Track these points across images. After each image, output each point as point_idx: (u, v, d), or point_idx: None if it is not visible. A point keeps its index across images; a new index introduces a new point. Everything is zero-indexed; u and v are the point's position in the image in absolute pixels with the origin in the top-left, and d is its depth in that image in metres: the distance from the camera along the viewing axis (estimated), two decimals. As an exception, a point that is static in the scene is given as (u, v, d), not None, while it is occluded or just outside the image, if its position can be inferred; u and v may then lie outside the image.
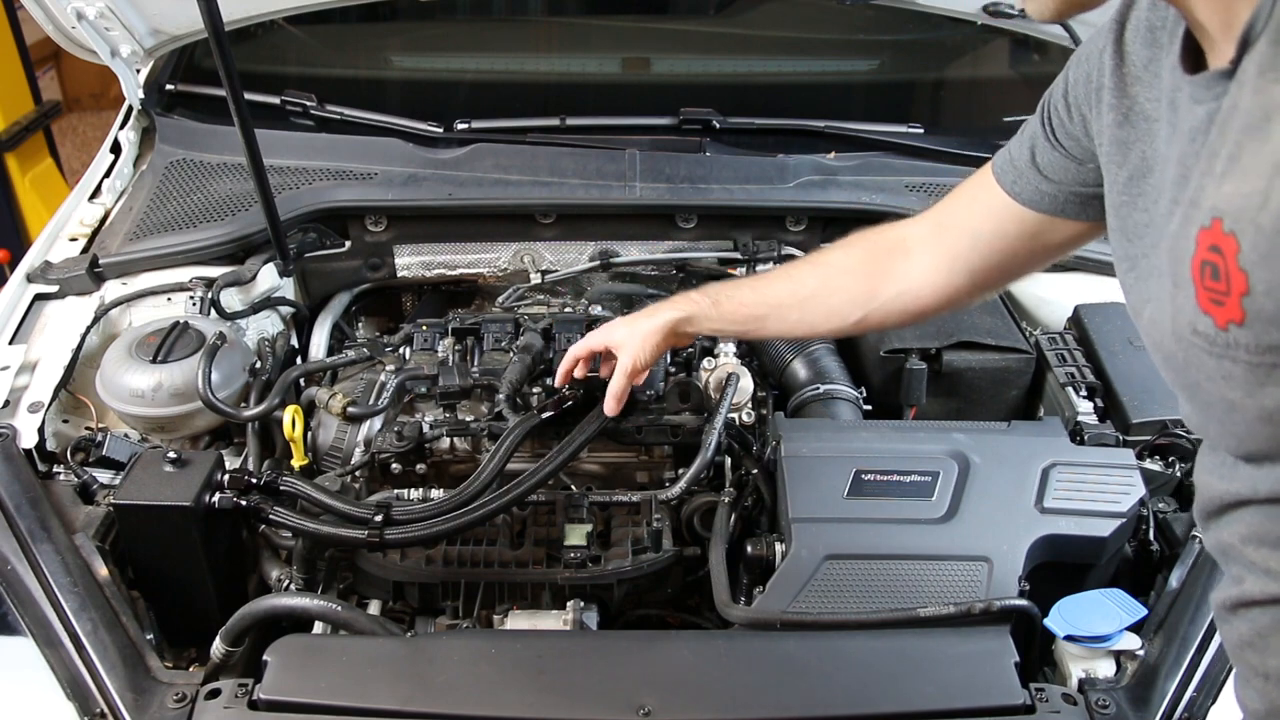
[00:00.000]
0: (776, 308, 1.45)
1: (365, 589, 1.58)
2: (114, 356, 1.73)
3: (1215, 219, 0.73)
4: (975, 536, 1.40)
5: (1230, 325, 0.73)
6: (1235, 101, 0.74)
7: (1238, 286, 0.71)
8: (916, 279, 1.33)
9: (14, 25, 3.95)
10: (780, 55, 2.58)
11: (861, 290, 1.38)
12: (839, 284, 1.40)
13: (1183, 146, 0.84)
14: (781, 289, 1.46)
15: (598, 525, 1.62)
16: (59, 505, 1.50)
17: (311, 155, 2.15)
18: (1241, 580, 0.86)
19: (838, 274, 1.41)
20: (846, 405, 1.77)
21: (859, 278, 1.38)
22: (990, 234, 1.25)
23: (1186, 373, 0.82)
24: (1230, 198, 0.72)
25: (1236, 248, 0.71)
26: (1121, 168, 1.00)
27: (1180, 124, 0.87)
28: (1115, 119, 1.01)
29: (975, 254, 1.28)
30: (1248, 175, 0.71)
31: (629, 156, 2.12)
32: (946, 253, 1.31)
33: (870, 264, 1.38)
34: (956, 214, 1.31)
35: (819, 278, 1.42)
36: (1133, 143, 0.98)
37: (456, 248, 2.15)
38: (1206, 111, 0.80)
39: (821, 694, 1.25)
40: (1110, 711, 1.24)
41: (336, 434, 1.76)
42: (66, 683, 1.25)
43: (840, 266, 1.41)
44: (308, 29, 2.52)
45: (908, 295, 1.35)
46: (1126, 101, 1.00)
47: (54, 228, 2.11)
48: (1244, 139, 0.72)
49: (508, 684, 1.25)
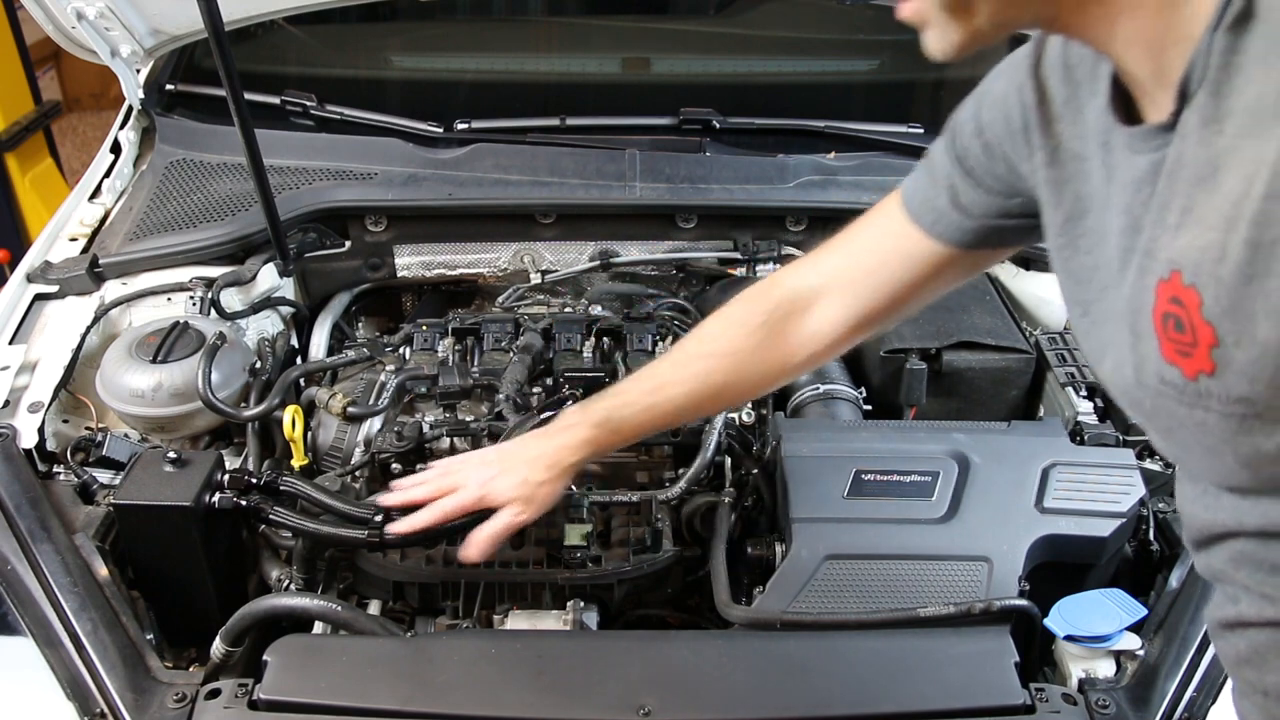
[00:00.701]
0: (683, 412, 1.37)
1: (365, 589, 1.58)
2: (114, 356, 1.73)
3: (1174, 271, 0.73)
4: (975, 536, 1.40)
5: (1200, 376, 0.73)
6: (1180, 154, 0.74)
7: (1205, 338, 0.71)
8: (824, 333, 1.28)
9: (14, 25, 3.95)
10: (780, 55, 2.58)
11: (774, 367, 1.32)
12: (750, 367, 1.32)
13: (1128, 195, 0.83)
14: (687, 392, 1.34)
15: (598, 525, 1.62)
16: (59, 505, 1.50)
17: (311, 155, 2.15)
18: (1237, 600, 0.85)
19: (746, 359, 1.31)
20: (846, 405, 1.77)
21: (767, 356, 1.31)
22: (903, 272, 1.19)
23: (1157, 418, 0.82)
24: (1186, 250, 0.72)
25: (1199, 300, 0.71)
26: (1057, 209, 0.98)
27: (1119, 170, 0.85)
28: (1044, 158, 0.98)
29: (882, 293, 1.23)
30: (1202, 228, 0.70)
31: (629, 156, 2.12)
32: (851, 298, 1.25)
33: (775, 337, 1.30)
34: (859, 256, 1.25)
35: (727, 370, 1.32)
36: (1064, 182, 0.97)
37: (456, 248, 2.15)
38: (1149, 162, 0.79)
39: (821, 694, 1.25)
40: (1110, 711, 1.24)
41: (336, 434, 1.76)
42: (66, 683, 1.25)
43: (745, 349, 1.31)
44: (308, 29, 2.52)
45: (819, 352, 1.30)
46: (1052, 140, 0.97)
47: (54, 228, 2.11)
48: (1195, 191, 0.72)
49: (508, 684, 1.25)
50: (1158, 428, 0.84)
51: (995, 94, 1.06)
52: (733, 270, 2.11)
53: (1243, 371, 0.70)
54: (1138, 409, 0.85)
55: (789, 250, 2.11)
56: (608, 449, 1.41)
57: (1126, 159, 0.83)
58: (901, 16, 0.86)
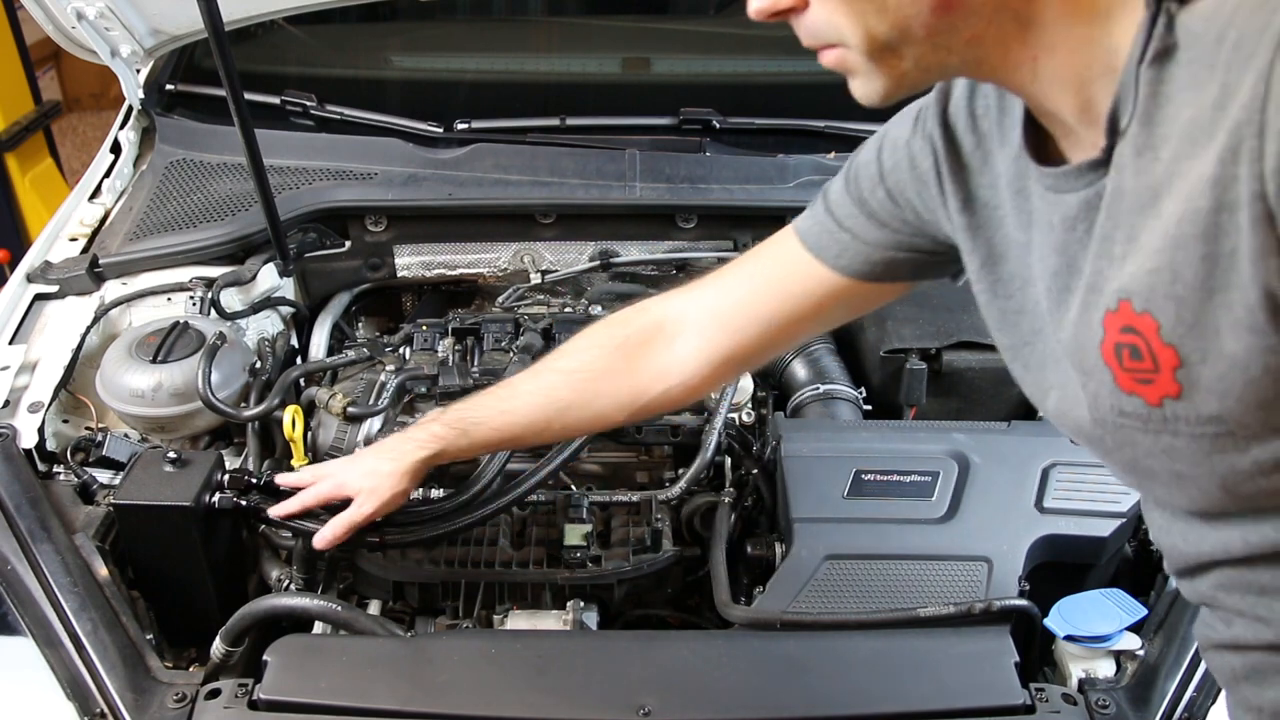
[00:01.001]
0: (531, 427, 1.34)
1: (365, 589, 1.58)
2: (114, 356, 1.73)
3: (1122, 301, 0.72)
4: (975, 536, 1.40)
5: (1165, 401, 0.72)
6: (1119, 185, 0.73)
7: (1167, 361, 0.70)
8: (686, 366, 1.24)
9: (14, 25, 3.95)
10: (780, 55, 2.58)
11: (624, 392, 1.27)
12: (597, 389, 1.28)
13: (1058, 236, 0.82)
14: (532, 405, 1.32)
15: (598, 525, 1.62)
16: (59, 505, 1.50)
17: (311, 155, 2.15)
18: (1231, 623, 0.84)
19: (594, 379, 1.28)
20: (846, 405, 1.77)
21: (618, 382, 1.27)
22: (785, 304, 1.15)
23: (1119, 452, 0.81)
24: (1136, 277, 0.71)
25: (1155, 325, 0.70)
26: (973, 254, 0.97)
27: (1040, 214, 0.85)
28: (957, 205, 0.97)
29: (756, 329, 1.18)
30: (1148, 253, 0.70)
31: (629, 156, 2.12)
32: (722, 330, 1.21)
33: (629, 362, 1.26)
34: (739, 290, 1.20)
35: (573, 387, 1.29)
36: (978, 229, 0.96)
37: (456, 248, 2.14)
38: (1081, 200, 0.78)
39: (821, 694, 1.25)
40: (1110, 711, 1.24)
41: (336, 434, 1.76)
42: (66, 683, 1.25)
43: (595, 369, 1.28)
44: (308, 29, 2.52)
45: (674, 388, 1.25)
46: (964, 189, 0.96)
47: (54, 228, 2.11)
48: (1137, 219, 0.72)
49: (508, 684, 1.25)
50: (1120, 461, 0.82)
51: (899, 140, 1.04)
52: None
53: (1211, 389, 0.70)
54: (1097, 445, 0.84)
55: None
56: (458, 453, 1.40)
57: (1051, 201, 0.82)
58: (825, 64, 0.84)
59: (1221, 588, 0.83)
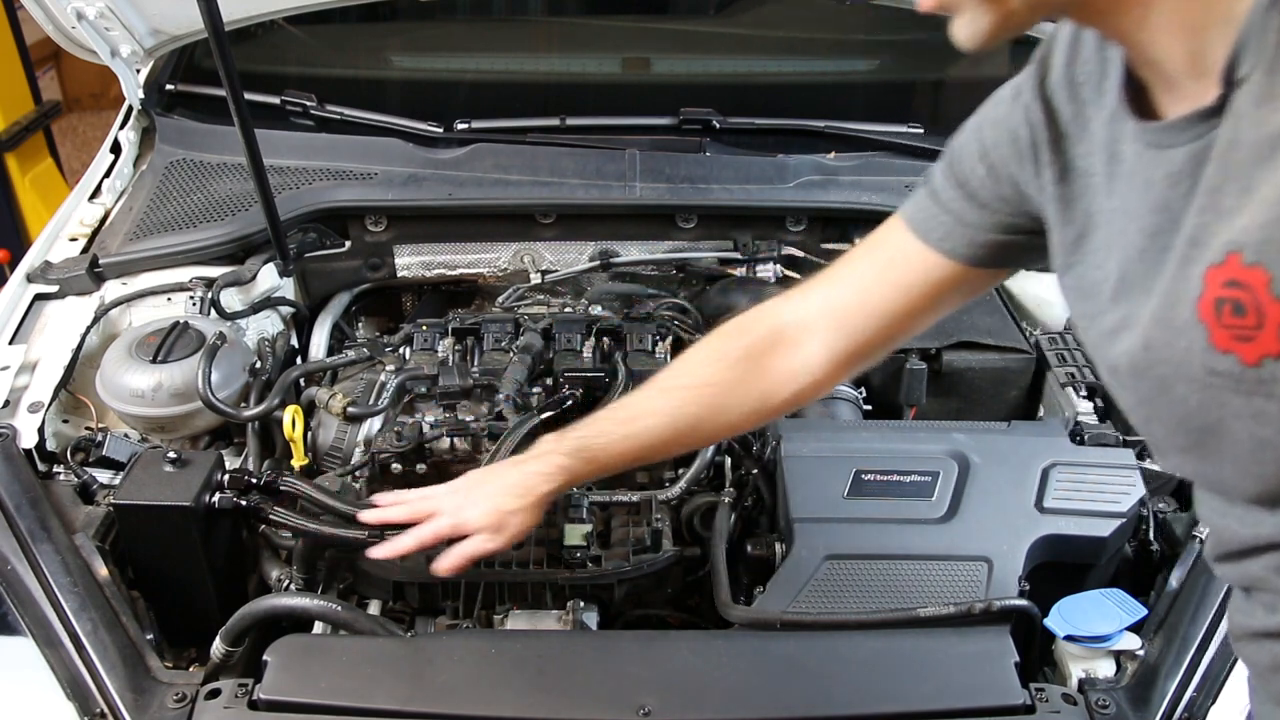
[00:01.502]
0: (658, 445, 1.33)
1: (365, 589, 1.58)
2: (114, 356, 1.73)
3: (1231, 254, 0.71)
4: (975, 536, 1.40)
5: (1265, 360, 0.70)
6: (1234, 136, 0.72)
7: (1275, 317, 0.69)
8: (812, 370, 1.23)
9: (14, 25, 3.95)
10: (780, 55, 2.58)
11: (754, 402, 1.26)
12: (725, 403, 1.27)
13: (1159, 193, 0.81)
14: (660, 425, 1.29)
15: (598, 525, 1.62)
16: (59, 505, 1.50)
17: (311, 155, 2.15)
18: (1275, 608, 0.83)
19: (723, 392, 1.27)
20: (846, 405, 1.77)
21: (747, 391, 1.26)
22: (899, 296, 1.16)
23: (1201, 416, 0.78)
24: (1249, 230, 0.70)
25: (1266, 278, 0.68)
26: (1068, 226, 0.96)
27: (1137, 173, 0.84)
28: (1054, 176, 0.97)
29: (876, 323, 1.19)
30: (1266, 205, 0.69)
31: (629, 156, 2.12)
32: (841, 330, 1.21)
33: (756, 372, 1.25)
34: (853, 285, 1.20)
35: (702, 403, 1.28)
36: (1074, 199, 0.95)
37: (456, 248, 2.15)
38: (1188, 153, 0.77)
39: (821, 694, 1.25)
40: (1110, 711, 1.24)
41: (336, 434, 1.76)
42: (66, 683, 1.25)
43: (723, 382, 1.27)
44: (308, 29, 2.52)
45: (804, 390, 1.25)
46: (1062, 159, 0.96)
47: (54, 228, 2.11)
48: (1255, 171, 0.70)
49: (508, 684, 1.25)
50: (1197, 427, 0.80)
51: (998, 117, 1.05)
52: (733, 270, 2.11)
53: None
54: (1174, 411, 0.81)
55: (789, 250, 2.11)
56: (584, 478, 1.38)
57: (1151, 158, 0.81)
58: (925, 8, 0.84)
59: (1274, 569, 0.82)
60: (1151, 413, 0.85)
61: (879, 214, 2.03)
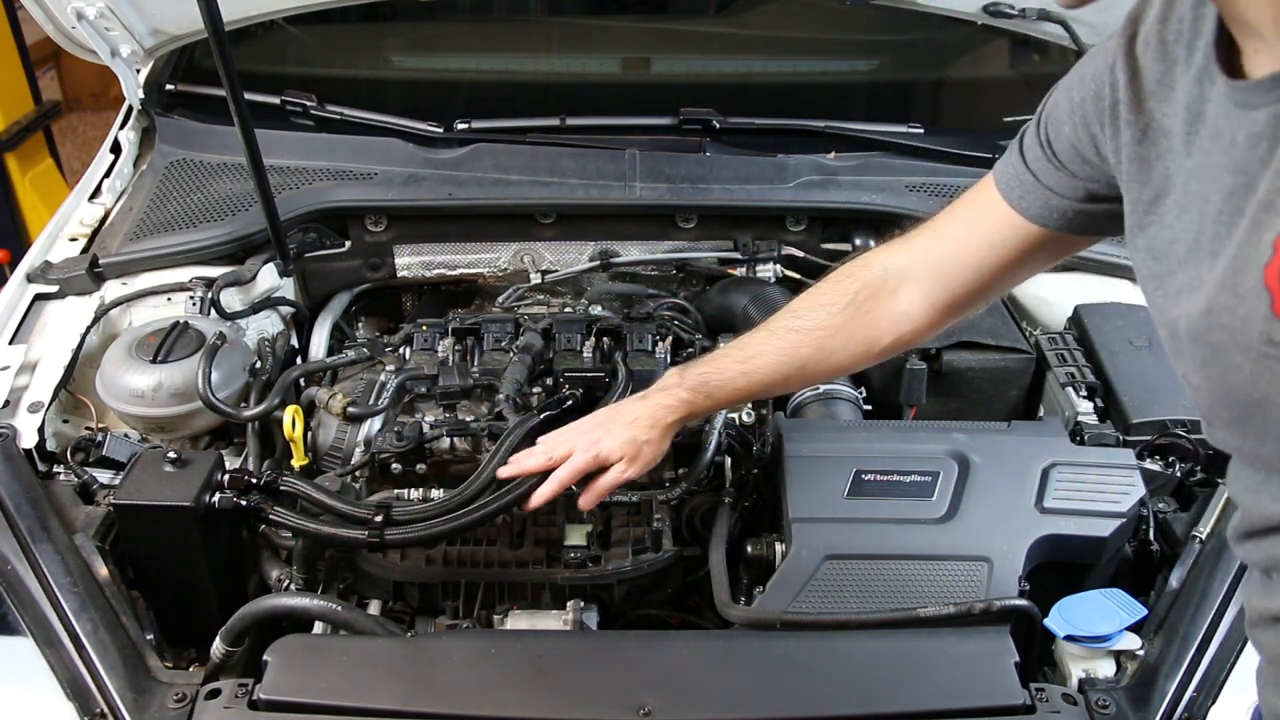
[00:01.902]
0: (770, 384, 1.41)
1: (365, 589, 1.58)
2: (114, 356, 1.73)
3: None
4: (975, 536, 1.40)
5: None
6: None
7: None
8: (911, 316, 1.31)
9: (14, 25, 3.95)
10: (780, 55, 2.58)
11: (858, 346, 1.34)
12: (833, 346, 1.35)
13: (1239, 154, 0.80)
14: (774, 365, 1.38)
15: (598, 525, 1.62)
16: (59, 505, 1.50)
17: (311, 155, 2.15)
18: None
19: (829, 336, 1.35)
20: (846, 405, 1.77)
21: (852, 335, 1.34)
22: (988, 252, 1.22)
23: (1253, 386, 0.77)
24: None
25: None
26: (1145, 186, 0.96)
27: (1221, 133, 0.83)
28: (1133, 135, 0.97)
29: (968, 276, 1.25)
30: None
31: (629, 156, 2.12)
32: (937, 281, 1.27)
33: (860, 317, 1.33)
34: (949, 237, 1.27)
35: (813, 345, 1.36)
36: (1154, 160, 0.95)
37: (456, 248, 2.15)
38: (1271, 115, 0.76)
39: (821, 694, 1.25)
40: (1110, 711, 1.24)
41: (336, 434, 1.76)
42: (66, 683, 1.25)
43: (830, 327, 1.35)
44: (308, 29, 2.52)
45: (904, 335, 1.33)
46: (1144, 118, 0.96)
47: (54, 228, 2.11)
48: None
49: (508, 684, 1.25)
50: (1247, 399, 0.79)
51: (1088, 75, 1.06)
52: (733, 270, 2.11)
53: None
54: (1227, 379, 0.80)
55: (789, 250, 2.10)
56: (702, 413, 1.47)
57: (1236, 117, 0.81)
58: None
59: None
60: (1204, 380, 0.84)
61: (879, 214, 2.05)
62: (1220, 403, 0.83)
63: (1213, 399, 0.84)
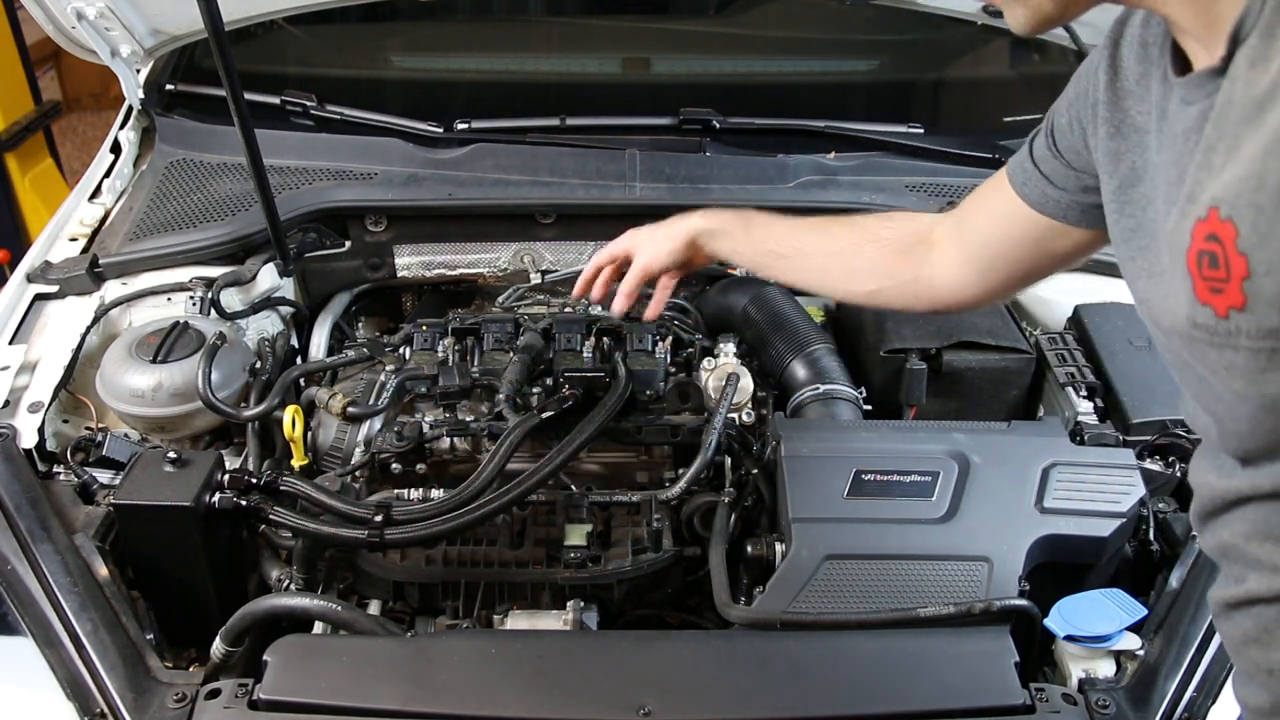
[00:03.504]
0: (801, 252, 1.49)
1: (365, 589, 1.58)
2: (114, 356, 1.73)
3: (1212, 208, 0.74)
4: (975, 536, 1.40)
5: (1231, 312, 0.73)
6: (1229, 96, 0.75)
7: (1238, 271, 0.71)
8: (936, 270, 1.37)
9: (14, 25, 3.95)
10: (780, 55, 2.58)
11: (885, 264, 1.42)
12: (866, 250, 1.43)
13: (1177, 148, 0.85)
14: (812, 236, 1.48)
15: (598, 525, 1.62)
16: (59, 505, 1.50)
17: (311, 155, 2.15)
18: (1244, 579, 0.85)
19: (867, 241, 1.44)
20: (846, 405, 1.77)
21: (886, 251, 1.42)
22: (1000, 235, 1.27)
23: (1191, 368, 0.82)
24: (1227, 185, 0.73)
25: (1234, 233, 0.71)
26: (1112, 177, 1.02)
27: (1171, 128, 0.87)
28: (1108, 131, 1.03)
29: (986, 255, 1.30)
30: (1244, 162, 0.71)
31: (629, 156, 2.12)
32: (964, 250, 1.34)
33: (899, 243, 1.41)
34: (974, 213, 1.34)
35: (850, 239, 1.45)
36: (1123, 154, 1.01)
37: (456, 248, 2.14)
38: (1198, 110, 0.81)
39: (821, 694, 1.25)
40: (1110, 711, 1.24)
41: (336, 434, 1.76)
42: (66, 683, 1.25)
43: (872, 234, 1.44)
44: (308, 29, 2.52)
45: (923, 282, 1.39)
46: (1119, 115, 1.02)
47: (54, 228, 2.11)
48: (1242, 130, 0.73)
49: (508, 684, 1.25)
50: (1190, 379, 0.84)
51: (1083, 70, 1.12)
52: (733, 270, 2.11)
53: (1273, 302, 0.70)
54: (1176, 363, 0.86)
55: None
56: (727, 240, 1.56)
57: (1179, 113, 0.85)
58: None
59: (1244, 534, 0.84)
60: (1168, 361, 0.90)
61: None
62: (1181, 382, 0.89)
63: (1178, 375, 0.89)
